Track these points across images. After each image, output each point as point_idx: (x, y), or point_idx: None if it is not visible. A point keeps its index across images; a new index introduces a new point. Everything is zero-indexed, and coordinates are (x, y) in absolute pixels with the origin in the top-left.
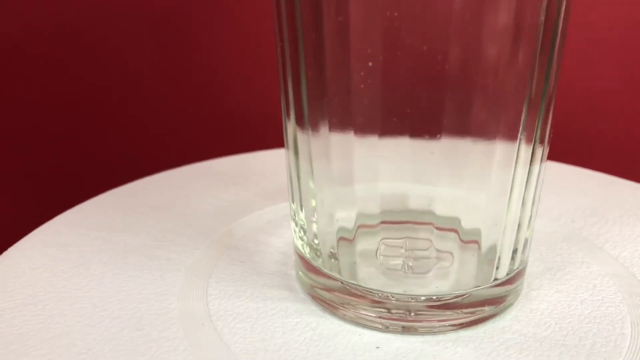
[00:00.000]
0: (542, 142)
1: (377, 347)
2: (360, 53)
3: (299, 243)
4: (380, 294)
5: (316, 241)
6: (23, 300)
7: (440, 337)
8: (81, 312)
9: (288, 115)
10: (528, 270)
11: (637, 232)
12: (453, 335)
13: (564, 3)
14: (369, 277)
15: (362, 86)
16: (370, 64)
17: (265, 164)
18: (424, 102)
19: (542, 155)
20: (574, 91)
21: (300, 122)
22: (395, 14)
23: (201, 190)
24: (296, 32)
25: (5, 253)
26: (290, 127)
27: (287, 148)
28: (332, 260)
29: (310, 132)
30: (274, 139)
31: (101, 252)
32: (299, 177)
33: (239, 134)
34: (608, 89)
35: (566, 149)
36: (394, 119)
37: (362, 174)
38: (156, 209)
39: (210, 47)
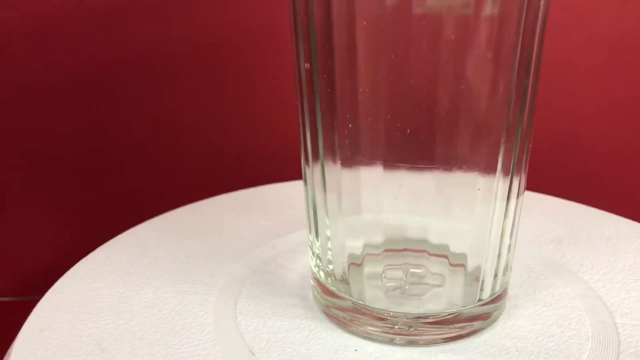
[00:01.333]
0: (518, 176)
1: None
2: (366, 100)
3: (315, 269)
4: (384, 313)
5: (330, 267)
6: (82, 308)
7: (434, 348)
8: (129, 323)
9: (306, 154)
10: (510, 292)
11: (604, 258)
12: (446, 347)
13: (536, 46)
14: (375, 298)
15: (367, 127)
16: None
17: (285, 195)
18: (419, 139)
19: (518, 189)
20: (554, 125)
21: (315, 160)
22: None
23: (228, 219)
24: (313, 85)
25: (71, 271)
26: (308, 164)
27: (305, 183)
28: (344, 284)
29: (324, 168)
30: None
31: (144, 273)
32: (315, 210)
33: (263, 167)
34: (587, 122)
35: (548, 180)
36: (395, 155)
37: (368, 206)
38: (190, 236)
39: (237, 93)
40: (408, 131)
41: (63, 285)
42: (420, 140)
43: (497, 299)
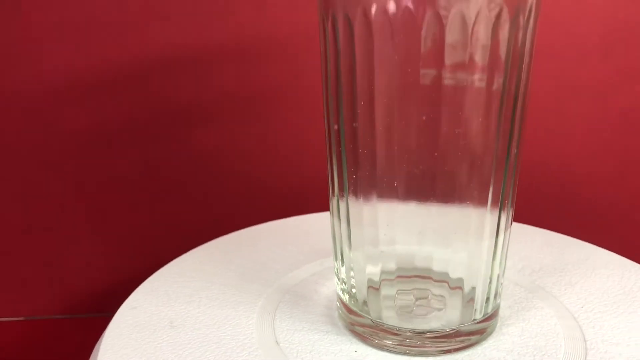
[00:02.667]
0: (506, 210)
1: None
2: (382, 151)
3: (340, 291)
4: (397, 329)
5: (353, 290)
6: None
7: (438, 358)
8: (186, 340)
9: (333, 190)
10: (501, 312)
11: (582, 284)
12: (449, 357)
13: (520, 95)
14: (390, 317)
15: (383, 171)
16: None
17: (312, 226)
18: (425, 180)
19: (506, 223)
20: (543, 162)
21: (341, 197)
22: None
23: (263, 247)
24: (340, 140)
25: (134, 294)
26: (334, 199)
27: (332, 215)
28: (364, 305)
29: (348, 204)
30: (316, 206)
31: (195, 295)
32: (341, 241)
33: (292, 201)
34: (575, 156)
35: (538, 212)
36: (405, 194)
37: (384, 238)
38: (230, 262)
39: (271, 136)
40: (416, 172)
41: (146, 287)
42: (425, 181)
43: (490, 317)
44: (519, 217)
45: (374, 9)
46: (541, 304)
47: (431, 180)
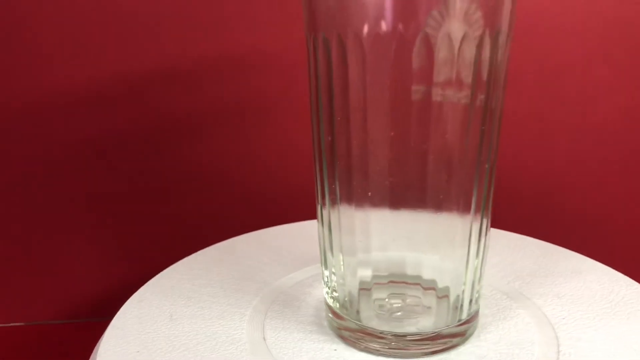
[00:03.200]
0: (486, 217)
1: None
2: (374, 162)
3: (327, 297)
4: (385, 333)
5: (338, 295)
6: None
7: (423, 359)
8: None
9: (323, 199)
10: (481, 314)
11: (558, 290)
12: (433, 358)
13: (497, 112)
14: (378, 321)
15: (374, 180)
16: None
17: (299, 233)
18: (412, 188)
19: (486, 229)
20: (528, 169)
21: (333, 203)
22: (395, 117)
23: (254, 253)
24: (332, 152)
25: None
26: (324, 207)
27: (320, 223)
28: (351, 310)
29: (338, 211)
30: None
31: (196, 291)
32: (325, 247)
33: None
34: (558, 166)
35: (523, 220)
36: (394, 201)
37: (361, 245)
38: (226, 267)
39: (260, 146)
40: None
41: (147, 289)
42: (406, 190)
43: (470, 320)
44: (504, 225)
45: (365, 29)
46: (518, 307)
47: (412, 190)
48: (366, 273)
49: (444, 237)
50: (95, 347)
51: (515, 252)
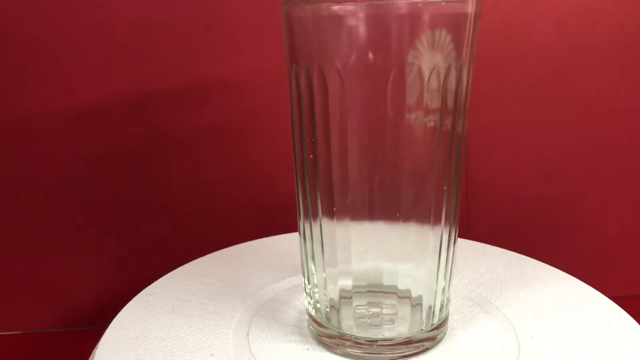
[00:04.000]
0: (454, 227)
1: None
2: (354, 179)
3: (308, 305)
4: (364, 339)
5: (319, 305)
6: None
7: None
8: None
9: (306, 213)
10: (450, 320)
11: (521, 296)
12: None
13: (463, 132)
14: (354, 327)
15: (354, 195)
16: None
17: (281, 246)
18: (388, 201)
19: (453, 240)
20: (500, 184)
21: (314, 219)
22: (370, 138)
23: (239, 265)
24: (315, 170)
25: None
26: (305, 222)
27: (301, 237)
28: (330, 318)
29: (320, 225)
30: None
31: (181, 306)
32: (306, 259)
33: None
34: (527, 180)
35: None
36: (370, 215)
37: (351, 257)
38: (213, 278)
39: (246, 162)
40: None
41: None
42: (387, 204)
43: (441, 325)
44: (475, 236)
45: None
46: (483, 312)
47: (387, 204)
48: (343, 284)
49: (416, 247)
50: (91, 356)
51: (485, 261)
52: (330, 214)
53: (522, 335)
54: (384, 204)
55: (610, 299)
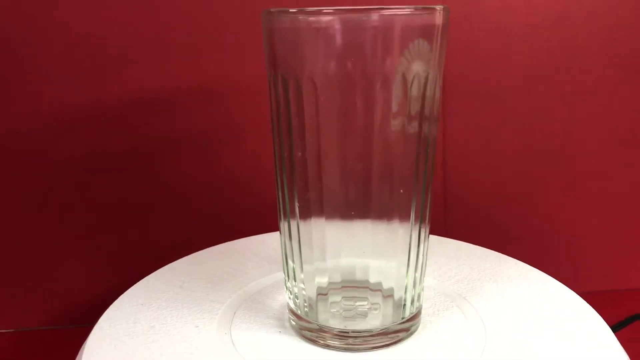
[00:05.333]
0: (424, 224)
1: None
2: (329, 178)
3: (289, 300)
4: (340, 331)
5: (298, 300)
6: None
7: (374, 352)
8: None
9: (284, 213)
10: (423, 312)
11: (492, 291)
12: (382, 351)
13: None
14: (333, 321)
15: (329, 195)
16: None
17: (265, 243)
18: (360, 201)
19: (426, 234)
20: (477, 184)
21: (292, 216)
22: (344, 144)
23: (224, 263)
24: (291, 167)
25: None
26: (284, 221)
27: (282, 235)
28: (310, 311)
29: (298, 223)
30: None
31: (169, 303)
32: (292, 256)
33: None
34: (504, 179)
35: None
36: (347, 213)
37: (328, 254)
38: (198, 275)
39: (229, 165)
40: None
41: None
42: (361, 203)
43: (414, 318)
44: (453, 234)
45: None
46: (454, 305)
47: (360, 204)
48: (322, 279)
49: (387, 244)
50: (79, 353)
51: (461, 258)
52: (307, 214)
53: (490, 330)
54: (356, 204)
55: (583, 294)
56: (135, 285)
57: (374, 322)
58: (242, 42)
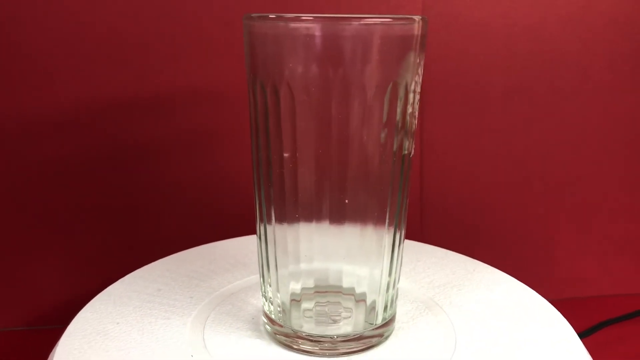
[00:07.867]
0: (399, 230)
1: None
2: (304, 183)
3: (264, 304)
4: (314, 336)
5: (273, 305)
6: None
7: (347, 357)
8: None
9: (261, 217)
10: (397, 319)
11: (465, 297)
12: (356, 357)
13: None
14: (307, 326)
15: (304, 200)
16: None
17: (242, 247)
18: (335, 207)
19: (400, 240)
20: (456, 192)
21: (268, 221)
22: (320, 150)
23: (200, 265)
24: (267, 172)
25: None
26: (261, 225)
27: (258, 239)
28: (284, 316)
29: (274, 227)
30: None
31: (145, 302)
32: (267, 260)
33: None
34: (482, 188)
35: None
36: (319, 219)
37: (302, 258)
38: (175, 277)
39: (211, 170)
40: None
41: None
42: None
43: (388, 323)
44: (429, 240)
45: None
46: (426, 310)
47: (335, 210)
48: (296, 284)
49: (362, 248)
50: (51, 354)
51: (437, 265)
52: (282, 218)
53: (460, 337)
54: (331, 210)
55: (554, 301)
56: (110, 287)
57: (347, 327)
58: (224, 46)
